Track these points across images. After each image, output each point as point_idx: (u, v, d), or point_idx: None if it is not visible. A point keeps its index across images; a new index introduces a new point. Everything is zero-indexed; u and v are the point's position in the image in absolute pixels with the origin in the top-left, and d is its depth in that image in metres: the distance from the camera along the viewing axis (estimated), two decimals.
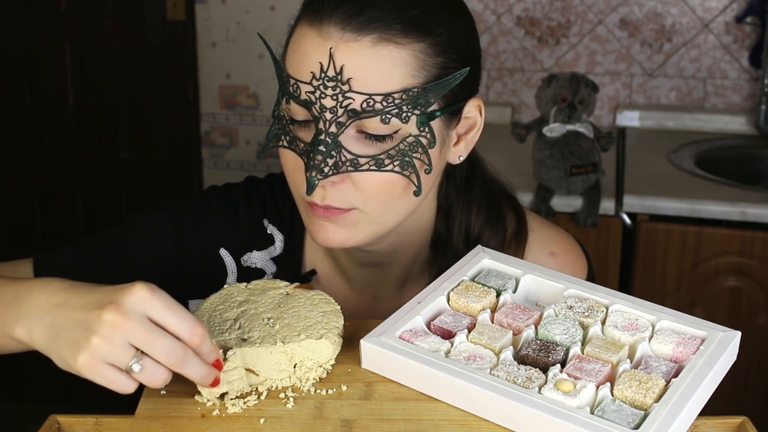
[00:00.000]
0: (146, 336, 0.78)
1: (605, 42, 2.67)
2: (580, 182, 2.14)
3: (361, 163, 0.94)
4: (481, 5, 2.70)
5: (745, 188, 2.19)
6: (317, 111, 0.94)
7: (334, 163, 0.93)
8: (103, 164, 3.02)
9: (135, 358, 0.78)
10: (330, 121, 0.93)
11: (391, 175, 0.95)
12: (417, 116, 0.94)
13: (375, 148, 0.94)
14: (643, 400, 0.80)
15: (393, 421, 0.82)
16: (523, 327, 0.90)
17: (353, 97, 0.92)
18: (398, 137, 0.95)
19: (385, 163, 0.94)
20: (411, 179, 0.96)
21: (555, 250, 1.15)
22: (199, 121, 2.92)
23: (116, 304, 0.78)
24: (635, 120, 2.66)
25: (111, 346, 0.77)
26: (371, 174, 0.95)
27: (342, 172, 0.94)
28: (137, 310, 0.78)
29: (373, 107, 0.92)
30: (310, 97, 0.94)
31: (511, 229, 1.14)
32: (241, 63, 2.84)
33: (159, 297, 0.79)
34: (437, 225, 1.12)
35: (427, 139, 0.96)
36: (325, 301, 0.94)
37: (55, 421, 0.89)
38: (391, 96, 0.93)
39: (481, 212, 1.12)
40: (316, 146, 0.93)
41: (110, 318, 0.77)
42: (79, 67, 2.95)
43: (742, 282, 2.13)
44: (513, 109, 2.74)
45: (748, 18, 2.57)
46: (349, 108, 0.92)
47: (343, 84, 0.92)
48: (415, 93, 0.94)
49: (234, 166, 2.92)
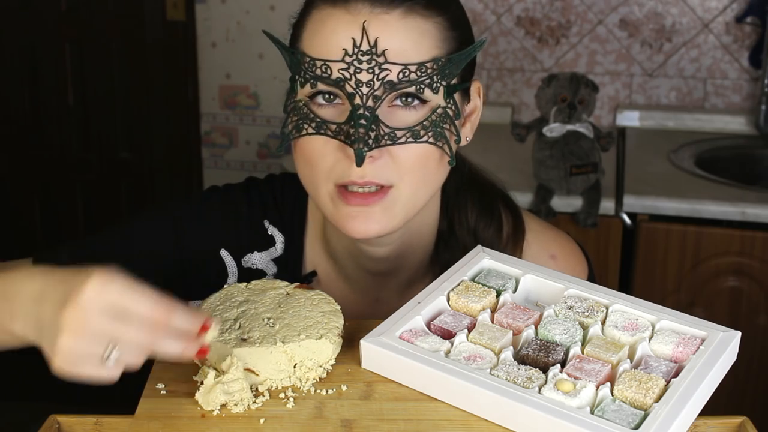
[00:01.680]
0: (110, 328, 0.76)
1: (605, 42, 2.67)
2: (580, 182, 2.14)
3: (398, 136, 0.96)
4: (481, 5, 2.70)
5: (745, 188, 2.19)
6: (352, 87, 0.95)
7: (375, 137, 0.94)
8: (103, 164, 3.02)
9: (109, 348, 0.77)
10: (367, 95, 0.95)
11: (426, 146, 0.97)
12: (444, 87, 0.97)
13: (409, 121, 0.97)
14: (643, 400, 0.80)
15: (393, 421, 0.82)
16: (523, 327, 0.90)
17: (390, 68, 0.94)
18: (429, 109, 0.97)
19: (421, 134, 0.97)
20: (444, 150, 0.98)
21: (555, 253, 1.16)
22: (199, 121, 2.92)
23: (74, 301, 0.76)
24: (635, 120, 2.66)
25: (80, 343, 0.76)
26: (408, 147, 0.97)
27: (383, 146, 0.95)
28: (95, 302, 0.76)
29: (409, 77, 0.95)
30: (344, 74, 0.95)
31: (508, 228, 1.15)
32: (241, 63, 2.84)
33: (113, 284, 0.77)
34: (440, 224, 1.13)
35: (453, 111, 0.99)
36: (325, 301, 0.94)
37: (55, 421, 0.89)
38: (424, 65, 0.96)
39: (474, 207, 1.14)
40: (356, 120, 0.94)
41: (71, 317, 0.76)
42: (79, 67, 2.95)
43: (742, 282, 2.13)
44: (513, 109, 2.74)
45: (748, 18, 2.57)
46: (386, 80, 0.95)
47: (379, 56, 0.94)
48: (442, 63, 0.97)
49: (234, 166, 2.92)
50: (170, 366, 0.89)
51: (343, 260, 1.13)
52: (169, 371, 0.89)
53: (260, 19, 2.77)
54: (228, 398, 0.83)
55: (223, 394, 0.83)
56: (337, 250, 1.13)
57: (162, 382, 0.87)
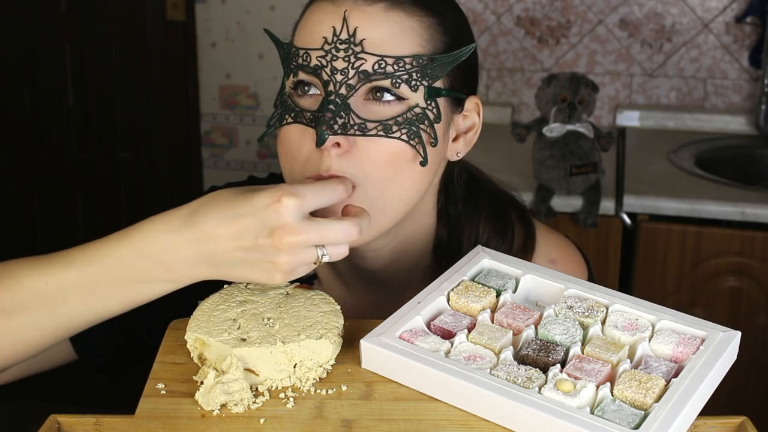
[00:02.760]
0: (318, 236, 0.85)
1: (605, 42, 2.67)
2: (580, 182, 2.14)
3: (369, 128, 0.94)
4: (481, 5, 2.70)
5: (745, 188, 2.20)
6: (327, 74, 0.94)
7: (342, 124, 0.94)
8: (103, 164, 3.02)
9: (318, 251, 0.86)
10: (340, 83, 0.94)
11: (397, 143, 0.95)
12: (425, 87, 0.96)
13: (382, 114, 0.95)
14: (643, 400, 0.80)
15: (393, 421, 0.82)
16: (523, 327, 0.90)
17: (365, 58, 0.94)
18: (406, 106, 0.96)
19: (393, 129, 0.95)
20: (417, 150, 0.96)
21: (555, 257, 1.16)
22: (199, 121, 2.93)
23: (281, 228, 0.84)
24: (635, 120, 2.67)
25: (298, 257, 0.85)
26: (378, 142, 0.95)
27: (350, 134, 0.94)
28: (298, 218, 0.84)
29: (384, 69, 0.94)
30: (321, 61, 0.95)
31: (519, 241, 1.14)
32: (241, 63, 2.84)
33: (302, 196, 0.85)
34: (438, 231, 1.12)
35: (433, 114, 0.97)
36: (325, 301, 0.94)
37: (55, 421, 0.89)
38: (402, 60, 0.95)
39: (488, 222, 1.12)
40: (325, 105, 0.93)
41: (285, 241, 0.84)
42: (79, 67, 2.95)
43: (742, 282, 2.13)
44: (513, 109, 2.74)
45: (748, 18, 2.57)
46: (361, 69, 0.94)
47: (356, 45, 0.94)
48: (424, 62, 0.96)
49: (234, 166, 2.92)
50: (170, 366, 0.90)
51: (338, 266, 1.13)
52: (169, 371, 0.89)
53: (260, 19, 2.77)
54: (228, 398, 0.83)
55: (223, 394, 0.83)
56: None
57: (162, 382, 0.87)
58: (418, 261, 1.12)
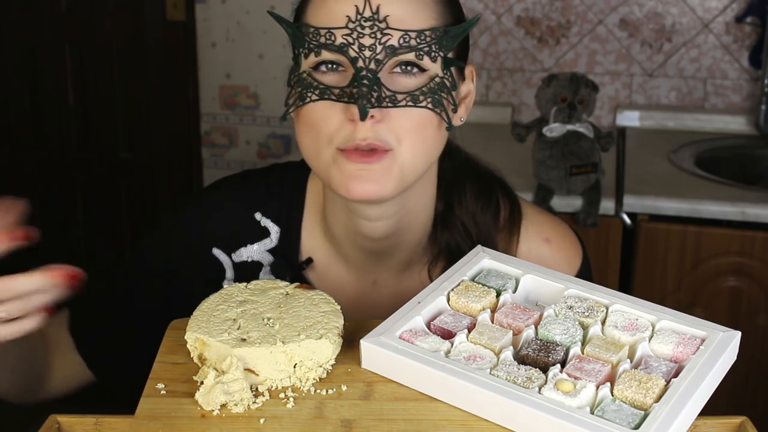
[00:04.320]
0: None
1: (605, 42, 2.67)
2: (580, 182, 2.14)
3: (399, 99, 0.99)
4: (481, 5, 2.70)
5: (745, 188, 2.19)
6: (355, 51, 0.99)
7: (377, 97, 0.98)
8: (103, 164, 3.02)
9: None
10: (369, 59, 0.98)
11: (425, 112, 1.01)
12: (441, 58, 1.01)
13: (409, 86, 1.00)
14: (643, 400, 0.80)
15: (393, 421, 0.82)
16: (523, 327, 0.90)
17: (391, 33, 0.99)
18: (427, 77, 1.01)
19: (420, 99, 1.00)
20: (442, 116, 1.02)
21: (549, 236, 1.18)
22: (199, 121, 2.93)
23: None
24: (635, 120, 2.67)
25: None
26: (408, 111, 1.00)
27: (384, 107, 0.98)
28: None
29: (409, 43, 0.99)
30: (347, 39, 0.99)
31: (505, 213, 1.18)
32: (241, 63, 2.84)
33: None
34: (437, 205, 1.16)
35: (449, 82, 1.03)
36: (325, 301, 0.94)
37: (55, 421, 0.89)
38: (423, 33, 1.00)
39: (473, 190, 1.17)
40: (360, 80, 0.98)
41: None
42: (79, 67, 2.95)
43: (742, 282, 2.13)
44: (513, 109, 2.74)
45: (748, 18, 2.57)
46: (387, 44, 0.99)
47: (381, 22, 0.98)
48: (440, 34, 1.01)
49: (234, 166, 2.92)
50: (170, 366, 0.90)
51: (341, 241, 1.15)
52: (169, 371, 0.89)
53: (260, 19, 2.77)
54: (228, 398, 0.83)
55: (223, 394, 0.83)
56: (336, 231, 1.15)
57: (162, 382, 0.87)
58: (420, 235, 1.15)
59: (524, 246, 1.17)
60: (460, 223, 1.16)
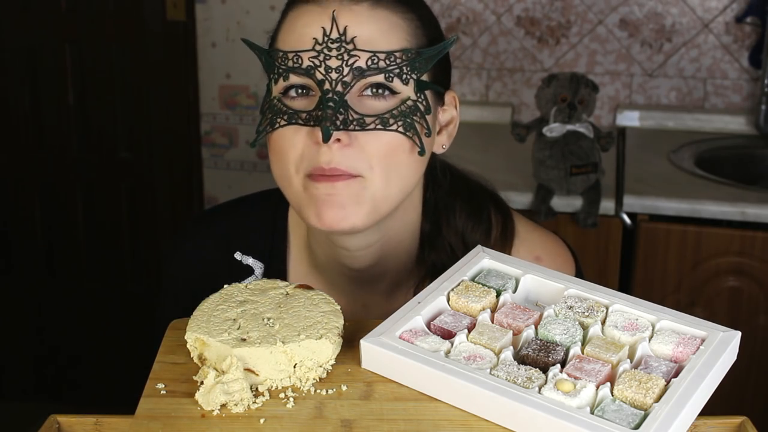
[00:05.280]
0: None
1: (605, 42, 2.67)
2: (580, 182, 2.14)
3: (367, 122, 0.97)
4: (481, 5, 2.70)
5: (745, 188, 2.19)
6: (322, 73, 0.96)
7: (343, 120, 0.95)
8: (103, 164, 3.02)
9: None
10: (336, 81, 0.96)
11: (395, 135, 0.98)
12: (414, 80, 0.98)
13: (378, 108, 0.98)
14: (643, 400, 0.80)
15: (393, 421, 0.82)
16: (523, 327, 0.90)
17: (358, 55, 0.96)
18: (399, 100, 0.98)
19: (390, 122, 0.97)
20: (414, 141, 0.99)
21: (540, 254, 1.16)
22: (199, 121, 2.92)
23: None
24: (635, 120, 2.66)
25: None
26: (377, 135, 0.97)
27: (351, 130, 0.96)
28: None
29: (377, 65, 0.96)
30: (313, 62, 0.96)
31: (497, 230, 1.15)
32: (241, 63, 2.84)
33: None
34: (423, 226, 1.13)
35: (423, 105, 1.00)
36: (325, 301, 0.94)
37: (55, 421, 0.89)
38: (393, 54, 0.97)
39: (464, 210, 1.15)
40: (325, 103, 0.95)
41: None
42: (79, 67, 2.95)
43: (742, 282, 2.13)
44: (513, 109, 2.74)
45: (748, 18, 2.57)
46: (355, 66, 0.96)
47: (348, 43, 0.96)
48: (412, 55, 0.98)
49: (234, 166, 2.92)
50: (170, 366, 0.90)
51: (327, 269, 1.14)
52: (169, 371, 0.89)
53: (260, 19, 2.77)
54: (228, 398, 0.83)
55: (223, 394, 0.83)
56: (321, 260, 1.14)
57: (162, 382, 0.87)
58: (405, 260, 1.13)
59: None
60: (447, 244, 1.13)
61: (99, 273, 3.10)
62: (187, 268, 1.19)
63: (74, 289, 3.11)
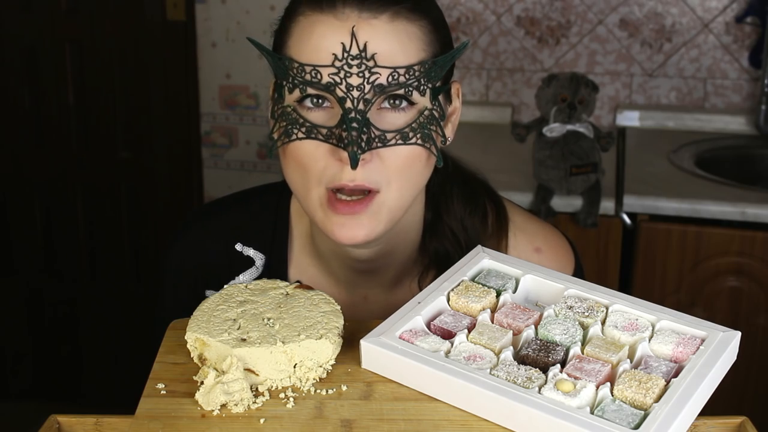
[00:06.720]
0: None
1: (605, 42, 2.67)
2: (580, 182, 2.14)
3: (388, 138, 0.97)
4: (481, 5, 2.70)
5: (745, 188, 2.19)
6: (343, 91, 0.95)
7: (366, 139, 0.95)
8: (103, 164, 3.02)
9: None
10: (358, 99, 0.95)
11: (414, 148, 0.98)
12: (430, 89, 0.98)
13: (398, 123, 0.98)
14: (643, 400, 0.80)
15: (393, 421, 0.82)
16: (523, 327, 0.90)
17: (380, 72, 0.96)
18: (417, 111, 0.98)
19: (410, 136, 0.98)
20: (431, 151, 1.00)
21: (540, 246, 1.16)
22: (199, 121, 2.92)
23: None
24: (635, 120, 2.66)
25: None
26: (397, 149, 0.98)
27: (374, 148, 0.96)
28: None
29: (398, 80, 0.96)
30: (334, 78, 0.95)
31: (492, 216, 1.16)
32: (241, 63, 2.84)
33: None
34: (426, 216, 1.14)
35: (438, 113, 1.00)
36: (325, 301, 0.94)
37: (55, 421, 0.89)
38: (412, 68, 0.97)
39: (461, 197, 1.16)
40: (349, 124, 0.95)
41: None
42: (79, 67, 2.95)
43: (742, 282, 2.13)
44: (513, 109, 2.74)
45: (748, 18, 2.57)
46: (376, 84, 0.95)
47: (368, 60, 0.95)
48: (428, 66, 0.98)
49: (234, 166, 2.92)
50: (170, 366, 0.90)
51: (330, 261, 1.14)
52: (169, 371, 0.89)
53: (260, 19, 2.77)
54: (228, 398, 0.83)
55: (223, 394, 0.83)
56: (324, 252, 1.14)
57: (162, 382, 0.87)
58: (409, 250, 1.13)
59: (513, 254, 1.15)
60: (449, 229, 1.14)
61: (99, 273, 3.10)
62: (187, 259, 1.19)
63: (74, 289, 3.11)
